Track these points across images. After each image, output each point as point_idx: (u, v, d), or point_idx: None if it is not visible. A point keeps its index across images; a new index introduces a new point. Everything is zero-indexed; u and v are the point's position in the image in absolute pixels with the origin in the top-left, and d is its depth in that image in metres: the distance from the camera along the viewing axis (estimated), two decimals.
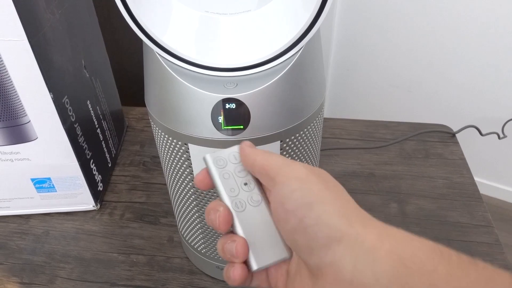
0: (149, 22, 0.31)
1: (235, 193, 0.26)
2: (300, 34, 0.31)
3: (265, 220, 0.25)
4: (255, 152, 0.26)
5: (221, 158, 0.27)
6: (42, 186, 0.53)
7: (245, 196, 0.26)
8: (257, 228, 0.25)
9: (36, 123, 0.46)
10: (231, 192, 0.26)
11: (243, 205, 0.26)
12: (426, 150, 0.64)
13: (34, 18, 0.41)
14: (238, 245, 0.24)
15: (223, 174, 0.26)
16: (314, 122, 0.36)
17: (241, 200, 0.26)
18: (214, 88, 0.31)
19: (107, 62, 0.63)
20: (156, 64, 0.33)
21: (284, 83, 0.32)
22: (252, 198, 0.26)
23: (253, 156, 0.26)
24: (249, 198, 0.26)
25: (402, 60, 1.31)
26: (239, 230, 0.25)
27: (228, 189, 0.26)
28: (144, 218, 0.55)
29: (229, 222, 0.25)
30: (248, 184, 0.26)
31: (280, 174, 0.24)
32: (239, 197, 0.26)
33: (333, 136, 0.67)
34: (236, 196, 0.26)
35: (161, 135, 0.36)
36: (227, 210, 0.25)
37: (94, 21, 0.58)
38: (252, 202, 0.26)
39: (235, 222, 0.25)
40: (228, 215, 0.25)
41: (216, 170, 0.26)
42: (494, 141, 0.76)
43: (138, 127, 0.70)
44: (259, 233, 0.25)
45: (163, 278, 0.48)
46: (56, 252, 0.51)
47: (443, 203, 0.55)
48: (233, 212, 0.25)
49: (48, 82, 0.43)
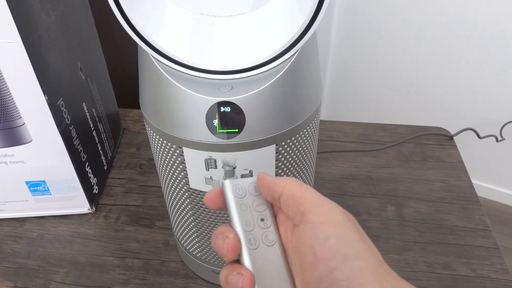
0: (143, 24, 0.31)
1: (250, 228, 0.25)
2: (296, 37, 0.30)
3: (277, 262, 0.24)
4: (281, 180, 0.24)
5: (240, 187, 0.26)
6: (37, 189, 0.52)
7: (260, 233, 0.25)
8: (267, 268, 0.24)
9: (30, 125, 0.46)
10: (247, 226, 0.25)
11: (256, 242, 0.24)
12: (423, 153, 0.63)
13: (29, 20, 0.41)
14: (245, 280, 0.22)
15: (240, 205, 0.25)
16: (310, 125, 0.36)
17: (255, 236, 0.25)
18: (209, 91, 0.31)
19: (104, 64, 0.62)
20: (150, 66, 0.33)
21: (279, 86, 0.31)
22: (267, 236, 0.25)
23: (281, 183, 0.24)
24: (264, 236, 0.25)
25: (400, 63, 1.31)
26: (248, 265, 0.24)
27: (244, 223, 0.25)
28: (139, 222, 0.54)
29: (237, 251, 0.24)
30: (265, 220, 0.25)
31: (313, 213, 0.22)
32: (254, 233, 0.25)
33: (330, 138, 0.67)
34: (250, 231, 0.25)
35: (156, 138, 0.36)
36: (236, 238, 0.24)
37: (91, 22, 0.58)
38: (267, 241, 0.24)
39: (245, 256, 0.24)
40: (237, 243, 0.24)
41: (234, 199, 0.25)
42: (492, 144, 0.76)
43: (135, 130, 0.69)
44: (268, 273, 0.24)
45: (158, 282, 0.47)
46: (50, 256, 0.50)
47: (441, 207, 0.55)
48: (244, 247, 0.24)
49: (43, 84, 0.43)
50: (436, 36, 1.20)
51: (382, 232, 0.52)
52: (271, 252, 0.24)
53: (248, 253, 0.24)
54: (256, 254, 0.24)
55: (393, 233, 0.51)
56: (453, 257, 0.49)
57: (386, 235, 0.51)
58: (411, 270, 0.47)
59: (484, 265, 0.48)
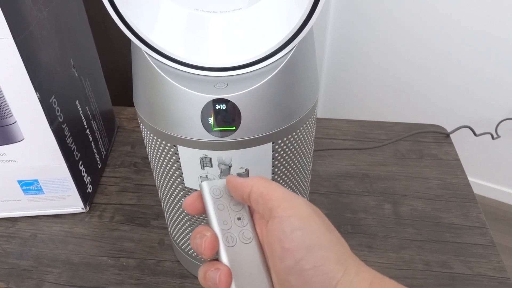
0: (136, 19, 0.30)
1: (228, 227, 0.25)
2: (293, 33, 0.30)
3: (254, 259, 0.25)
4: (250, 180, 0.25)
5: (217, 188, 0.27)
6: (29, 188, 0.51)
7: (237, 231, 0.25)
8: (244, 264, 0.24)
9: (22, 123, 0.45)
10: (224, 225, 0.25)
11: (234, 240, 0.25)
12: (420, 151, 0.63)
13: (20, 16, 0.40)
14: (222, 274, 0.23)
15: (217, 205, 0.26)
16: (307, 123, 0.35)
17: (232, 235, 0.25)
18: (204, 88, 0.30)
19: (97, 61, 0.62)
20: (144, 63, 0.32)
21: (276, 83, 0.31)
22: (244, 234, 0.25)
23: (249, 182, 0.25)
24: (241, 234, 0.25)
25: (396, 61, 1.31)
26: (225, 262, 0.24)
27: (221, 221, 0.25)
28: (134, 221, 0.54)
29: (215, 248, 0.25)
30: (242, 219, 0.26)
31: (280, 208, 0.23)
32: (231, 231, 0.25)
33: (327, 136, 0.66)
34: (228, 230, 0.25)
35: (150, 136, 0.35)
36: (214, 236, 0.25)
37: (84, 19, 0.57)
38: (243, 239, 0.25)
39: (222, 254, 0.25)
40: (215, 241, 0.25)
41: (211, 199, 0.26)
42: (487, 141, 0.76)
43: (130, 128, 0.69)
44: (245, 270, 0.24)
45: (153, 282, 0.47)
46: (43, 256, 0.50)
47: (438, 204, 0.55)
48: (222, 245, 0.25)
49: (34, 81, 0.42)
50: (432, 34, 1.20)
51: (379, 230, 0.51)
52: (248, 249, 0.25)
53: (225, 251, 0.24)
54: (234, 251, 0.25)
55: (390, 231, 0.51)
56: (450, 255, 0.49)
57: (383, 233, 0.51)
58: (408, 268, 0.47)
59: (481, 263, 0.48)
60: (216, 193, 0.26)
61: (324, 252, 0.22)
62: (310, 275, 0.21)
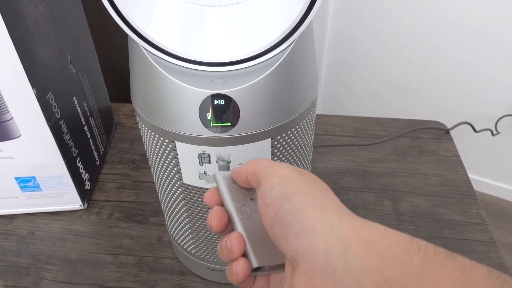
0: (133, 14, 0.29)
1: (241, 204, 0.27)
2: (292, 27, 0.30)
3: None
4: (245, 165, 0.27)
5: (229, 176, 0.28)
6: (27, 185, 0.51)
7: (251, 208, 0.27)
8: (259, 233, 0.25)
9: (19, 120, 0.45)
10: (237, 202, 0.27)
11: (247, 213, 0.26)
12: (420, 147, 0.63)
13: (16, 11, 0.40)
14: (232, 239, 0.24)
15: (231, 188, 0.28)
16: (306, 119, 0.35)
17: (246, 210, 0.27)
18: (202, 83, 0.30)
19: (95, 57, 0.61)
20: (141, 58, 0.32)
21: (275, 79, 0.30)
22: (257, 210, 0.26)
23: (244, 167, 0.27)
24: (254, 210, 0.26)
25: (396, 57, 1.30)
26: (239, 230, 0.25)
27: (235, 200, 0.27)
28: (133, 218, 0.53)
29: (221, 219, 0.26)
30: (254, 200, 0.27)
31: (265, 174, 0.25)
32: (245, 207, 0.27)
33: (326, 132, 0.66)
34: (242, 206, 0.27)
35: (148, 132, 0.35)
36: (220, 208, 0.26)
37: (81, 14, 0.56)
38: (257, 213, 0.26)
39: (237, 224, 0.26)
40: (221, 212, 0.26)
41: (225, 184, 0.28)
42: (487, 137, 0.76)
43: (128, 124, 0.68)
44: (261, 237, 0.25)
45: (152, 279, 0.46)
46: (41, 254, 0.49)
47: (437, 201, 0.55)
48: (236, 217, 0.26)
49: (31, 77, 0.42)
50: (432, 30, 1.19)
51: None
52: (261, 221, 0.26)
53: (240, 221, 0.26)
54: (248, 222, 0.26)
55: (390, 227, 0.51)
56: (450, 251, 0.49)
57: None
58: None
59: (481, 259, 0.48)
60: (229, 180, 0.28)
61: (300, 198, 0.22)
62: (289, 220, 0.22)
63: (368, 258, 0.19)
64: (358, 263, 0.19)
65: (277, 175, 0.24)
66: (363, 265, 0.19)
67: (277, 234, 0.22)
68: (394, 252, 0.19)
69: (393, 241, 0.20)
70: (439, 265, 0.18)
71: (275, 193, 0.23)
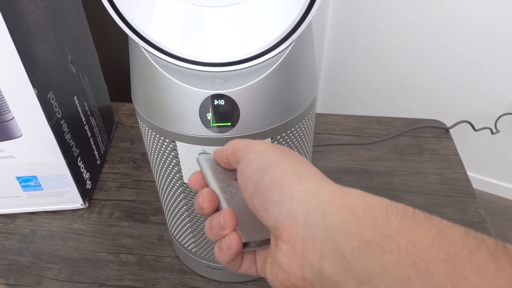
0: (134, 14, 0.30)
1: (225, 184, 0.27)
2: (291, 28, 0.30)
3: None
4: (225, 146, 0.27)
5: (213, 159, 0.28)
6: (28, 185, 0.51)
7: (235, 188, 0.27)
8: (245, 210, 0.25)
9: (20, 119, 0.45)
10: (222, 182, 0.27)
11: (232, 193, 0.26)
12: (419, 146, 0.63)
13: (17, 11, 0.40)
14: (225, 214, 0.24)
15: (214, 170, 0.28)
16: (305, 119, 0.35)
17: (230, 190, 0.27)
18: (202, 83, 0.30)
19: (95, 57, 0.61)
20: (141, 58, 0.32)
21: (274, 79, 0.31)
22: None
23: (224, 148, 0.27)
24: (238, 189, 0.26)
25: (396, 56, 1.30)
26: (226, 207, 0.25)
27: (219, 180, 0.27)
28: (133, 217, 0.54)
29: (213, 201, 0.26)
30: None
31: (243, 151, 0.25)
32: (229, 187, 0.27)
33: (326, 132, 0.66)
34: (226, 186, 0.27)
35: (148, 132, 0.35)
36: (210, 190, 0.26)
37: (81, 14, 0.56)
38: (241, 192, 0.26)
39: (223, 203, 0.26)
40: (211, 194, 0.26)
41: (208, 166, 0.28)
42: (487, 136, 0.76)
43: (128, 124, 0.68)
44: (246, 215, 0.25)
45: (153, 278, 0.47)
46: (43, 252, 0.50)
47: (437, 200, 0.55)
48: (221, 197, 0.26)
49: (32, 77, 0.42)
50: (432, 29, 1.19)
51: None
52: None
53: (225, 200, 0.26)
54: (233, 201, 0.26)
55: None
56: None
57: None
58: None
59: None
60: (212, 162, 0.28)
61: (278, 168, 0.22)
62: (268, 191, 0.22)
63: (346, 222, 0.19)
64: (336, 228, 0.19)
65: (253, 150, 0.24)
66: (341, 229, 0.19)
67: (258, 207, 0.22)
68: (372, 215, 0.19)
69: (371, 204, 0.20)
70: (416, 226, 0.18)
71: (253, 166, 0.23)
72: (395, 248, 0.17)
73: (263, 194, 0.22)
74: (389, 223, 0.18)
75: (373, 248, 0.18)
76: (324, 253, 0.19)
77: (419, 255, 0.17)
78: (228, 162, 0.27)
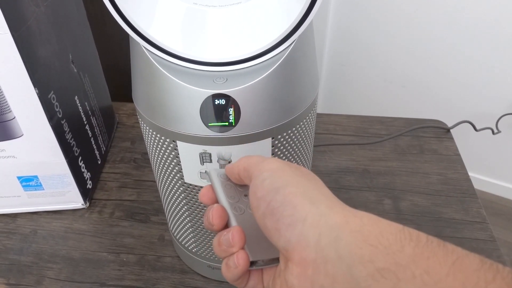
0: (134, 14, 0.30)
1: (235, 200, 0.27)
2: (292, 27, 0.30)
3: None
4: (236, 162, 0.27)
5: (223, 174, 0.28)
6: (29, 184, 0.51)
7: (245, 204, 0.27)
8: (253, 228, 0.25)
9: (21, 119, 0.45)
10: (231, 199, 0.27)
11: (241, 209, 0.26)
12: (420, 146, 0.63)
13: (18, 11, 0.40)
14: (234, 232, 0.24)
15: (225, 185, 0.28)
16: (306, 118, 0.35)
17: (240, 206, 0.27)
18: (203, 83, 0.30)
19: (96, 56, 0.61)
20: (142, 58, 0.32)
21: (275, 78, 0.31)
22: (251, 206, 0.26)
23: (236, 164, 0.27)
24: (248, 206, 0.26)
25: (397, 55, 1.30)
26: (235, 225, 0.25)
27: (229, 196, 0.27)
28: (134, 217, 0.54)
29: (222, 217, 0.26)
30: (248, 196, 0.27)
31: (256, 169, 0.25)
32: (239, 204, 0.27)
33: (327, 131, 0.66)
34: (236, 202, 0.27)
35: (149, 132, 0.35)
36: (220, 206, 0.26)
37: (82, 14, 0.56)
38: (251, 210, 0.26)
39: (232, 220, 0.26)
40: (222, 209, 0.26)
41: (219, 181, 0.28)
42: (488, 136, 0.76)
43: (129, 123, 0.68)
44: (254, 233, 0.25)
45: (153, 277, 0.47)
46: (44, 252, 0.50)
47: (438, 200, 0.55)
48: (230, 214, 0.26)
49: (33, 77, 0.42)
50: (433, 29, 1.19)
51: None
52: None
53: (234, 217, 0.26)
54: (242, 218, 0.26)
55: None
56: None
57: None
58: None
59: None
60: (223, 177, 0.28)
61: (290, 189, 0.22)
62: (280, 212, 0.22)
63: (360, 248, 0.19)
64: (350, 253, 0.19)
65: (266, 169, 0.24)
66: (355, 255, 0.19)
67: (269, 227, 0.22)
68: (386, 242, 0.19)
69: (384, 230, 0.19)
70: (430, 254, 0.18)
71: (265, 186, 0.23)
72: (410, 277, 0.17)
73: (275, 215, 0.22)
74: (403, 251, 0.18)
75: (388, 276, 0.18)
76: (336, 277, 0.19)
77: (435, 285, 0.17)
78: (239, 178, 0.27)
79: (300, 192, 0.22)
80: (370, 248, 0.19)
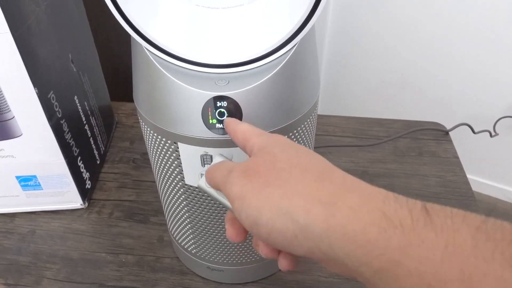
0: (137, 15, 0.30)
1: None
2: (295, 30, 0.30)
3: None
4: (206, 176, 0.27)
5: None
6: (28, 184, 0.51)
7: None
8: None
9: (20, 119, 0.45)
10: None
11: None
12: (419, 148, 0.63)
13: (18, 10, 0.39)
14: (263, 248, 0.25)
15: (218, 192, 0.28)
16: (308, 121, 0.35)
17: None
18: (205, 85, 0.30)
19: (96, 56, 0.61)
20: (144, 59, 0.32)
21: (277, 81, 0.31)
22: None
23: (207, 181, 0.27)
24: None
25: (395, 58, 1.30)
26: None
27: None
28: (133, 217, 0.53)
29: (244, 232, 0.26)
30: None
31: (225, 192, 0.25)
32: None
33: (326, 133, 0.66)
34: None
35: (150, 133, 0.35)
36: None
37: (82, 13, 0.56)
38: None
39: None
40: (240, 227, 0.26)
41: (212, 189, 0.28)
42: (486, 139, 0.76)
43: (128, 123, 0.68)
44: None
45: (152, 278, 0.46)
46: (42, 252, 0.49)
47: (436, 202, 0.54)
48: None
49: (32, 76, 0.42)
50: (431, 31, 1.20)
51: None
52: None
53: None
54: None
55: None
56: None
57: None
58: None
59: None
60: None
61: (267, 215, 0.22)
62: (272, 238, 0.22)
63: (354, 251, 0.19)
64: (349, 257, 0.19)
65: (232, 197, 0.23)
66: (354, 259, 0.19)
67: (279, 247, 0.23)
68: (372, 237, 0.18)
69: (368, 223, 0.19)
70: (419, 240, 0.17)
71: (244, 219, 0.23)
72: (407, 274, 0.17)
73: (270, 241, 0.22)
74: (390, 245, 0.18)
75: (388, 274, 0.18)
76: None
77: (432, 276, 0.16)
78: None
79: (276, 215, 0.21)
80: (361, 250, 0.18)
